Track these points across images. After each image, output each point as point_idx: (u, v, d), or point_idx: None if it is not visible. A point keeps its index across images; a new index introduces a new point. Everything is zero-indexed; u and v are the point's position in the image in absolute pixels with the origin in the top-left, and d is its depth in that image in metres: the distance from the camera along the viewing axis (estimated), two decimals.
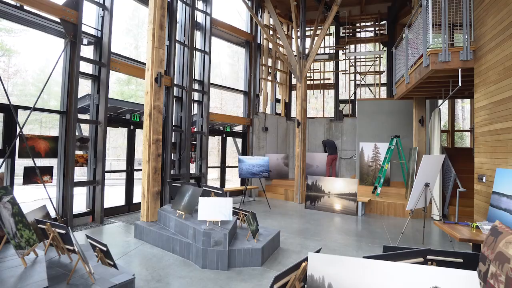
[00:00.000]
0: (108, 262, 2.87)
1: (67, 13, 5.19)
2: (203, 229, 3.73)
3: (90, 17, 5.94)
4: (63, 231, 2.44)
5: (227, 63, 21.43)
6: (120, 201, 6.93)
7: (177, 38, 7.48)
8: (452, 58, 4.60)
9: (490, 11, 4.02)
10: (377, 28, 10.82)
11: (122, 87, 20.54)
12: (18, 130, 4.70)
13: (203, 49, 8.37)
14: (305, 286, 1.46)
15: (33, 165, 4.85)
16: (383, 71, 10.82)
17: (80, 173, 6.24)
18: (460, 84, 4.71)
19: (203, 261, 3.66)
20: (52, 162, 5.49)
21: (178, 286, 3.21)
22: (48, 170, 5.16)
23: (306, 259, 1.38)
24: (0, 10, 4.52)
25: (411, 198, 4.53)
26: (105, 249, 2.84)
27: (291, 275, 1.38)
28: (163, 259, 3.95)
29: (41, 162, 5.23)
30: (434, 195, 5.97)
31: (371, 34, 10.97)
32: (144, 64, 7.01)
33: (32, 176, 4.90)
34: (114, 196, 8.76)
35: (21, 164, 5.07)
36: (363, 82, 10.97)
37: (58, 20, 5.20)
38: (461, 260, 1.87)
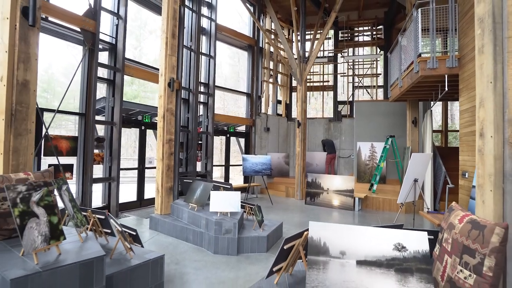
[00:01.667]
0: (136, 245, 3.33)
1: (86, 22, 5.63)
2: (215, 219, 4.18)
3: (105, 25, 6.38)
4: (102, 217, 2.89)
5: (228, 64, 21.82)
6: (131, 197, 7.37)
7: (184, 43, 7.93)
8: (440, 65, 5.05)
9: (471, 23, 4.47)
10: (374, 33, 11.28)
11: (124, 87, 20.94)
12: (43, 130, 5.15)
13: (208, 53, 8.82)
14: (307, 254, 1.92)
15: (57, 163, 5.30)
16: (380, 74, 11.28)
17: (95, 171, 6.67)
18: (446, 89, 5.17)
19: (215, 248, 4.12)
20: (72, 160, 5.93)
21: (194, 267, 3.67)
22: (69, 168, 5.62)
23: (307, 230, 1.83)
24: None
25: (401, 192, 4.99)
26: (134, 233, 3.30)
27: (296, 240, 1.82)
28: (178, 247, 4.40)
29: (62, 161, 5.68)
30: (425, 191, 6.43)
31: (368, 38, 11.43)
32: (152, 67, 7.48)
33: (55, 173, 5.35)
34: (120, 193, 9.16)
35: (44, 162, 5.52)
36: (360, 84, 11.43)
37: (78, 29, 5.65)
38: (432, 237, 2.33)
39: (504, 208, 1.58)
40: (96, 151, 6.12)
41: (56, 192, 2.47)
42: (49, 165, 5.35)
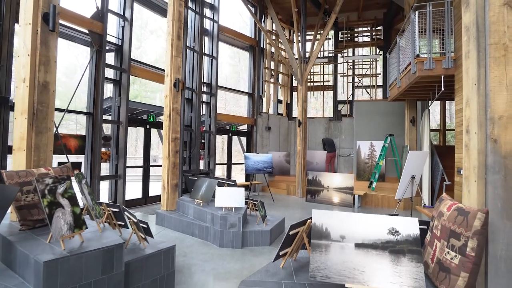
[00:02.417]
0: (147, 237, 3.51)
1: (94, 25, 5.81)
2: (220, 214, 4.37)
3: (112, 27, 6.55)
4: (116, 210, 3.07)
5: (228, 64, 21.96)
6: (134, 195, 7.54)
7: (187, 44, 8.10)
8: (436, 66, 5.23)
9: None
10: (373, 33, 11.46)
11: None
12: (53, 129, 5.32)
13: (210, 54, 9.00)
14: (310, 240, 2.10)
15: (66, 161, 5.48)
16: (379, 74, 11.46)
17: (102, 169, 6.87)
18: (443, 89, 5.35)
19: (220, 241, 4.31)
20: (80, 158, 6.11)
21: (201, 259, 3.86)
22: (78, 166, 5.80)
23: (310, 218, 2.02)
24: None
25: (399, 188, 5.17)
26: (145, 226, 3.48)
27: (300, 228, 2.01)
28: (185, 241, 4.58)
29: (71, 158, 5.86)
30: (423, 188, 6.61)
31: (368, 39, 11.61)
32: (156, 67, 7.65)
33: None
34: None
35: (53, 161, 5.70)
36: (360, 84, 11.61)
37: (85, 31, 5.83)
38: (425, 227, 2.51)
39: (486, 197, 1.76)
40: (103, 149, 6.30)
41: (76, 186, 2.65)
42: (59, 163, 5.53)
